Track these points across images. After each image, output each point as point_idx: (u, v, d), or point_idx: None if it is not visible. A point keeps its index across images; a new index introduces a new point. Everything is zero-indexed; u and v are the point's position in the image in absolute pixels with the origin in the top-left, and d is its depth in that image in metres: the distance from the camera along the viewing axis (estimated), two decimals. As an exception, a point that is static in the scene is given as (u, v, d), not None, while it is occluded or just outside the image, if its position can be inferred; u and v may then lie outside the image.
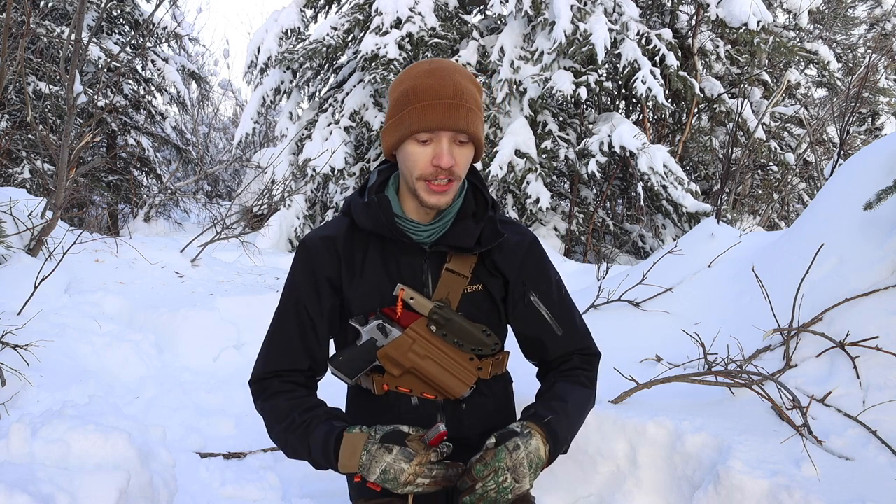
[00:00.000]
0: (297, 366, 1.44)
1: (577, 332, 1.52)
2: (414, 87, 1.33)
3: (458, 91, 1.32)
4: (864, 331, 2.34)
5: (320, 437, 1.31)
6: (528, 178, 8.14)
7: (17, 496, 1.60)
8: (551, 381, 1.48)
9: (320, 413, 1.36)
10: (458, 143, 1.34)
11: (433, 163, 1.32)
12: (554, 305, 1.50)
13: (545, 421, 1.33)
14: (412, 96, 1.33)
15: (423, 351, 1.40)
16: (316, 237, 1.47)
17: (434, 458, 1.26)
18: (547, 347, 1.50)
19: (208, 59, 21.82)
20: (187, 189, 13.24)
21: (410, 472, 1.23)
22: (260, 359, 1.47)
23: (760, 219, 10.23)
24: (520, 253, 1.48)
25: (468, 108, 1.33)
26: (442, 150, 1.31)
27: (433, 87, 1.32)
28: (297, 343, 1.44)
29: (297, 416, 1.36)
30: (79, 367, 3.53)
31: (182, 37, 13.31)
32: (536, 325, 1.49)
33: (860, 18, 12.58)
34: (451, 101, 1.31)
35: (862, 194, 2.62)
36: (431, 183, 1.34)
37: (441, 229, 1.42)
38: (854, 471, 1.92)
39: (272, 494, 2.64)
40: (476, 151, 1.39)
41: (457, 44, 9.67)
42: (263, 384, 1.44)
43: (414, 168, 1.34)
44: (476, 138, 1.35)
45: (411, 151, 1.34)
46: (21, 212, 4.97)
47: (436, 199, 1.35)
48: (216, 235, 6.96)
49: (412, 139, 1.33)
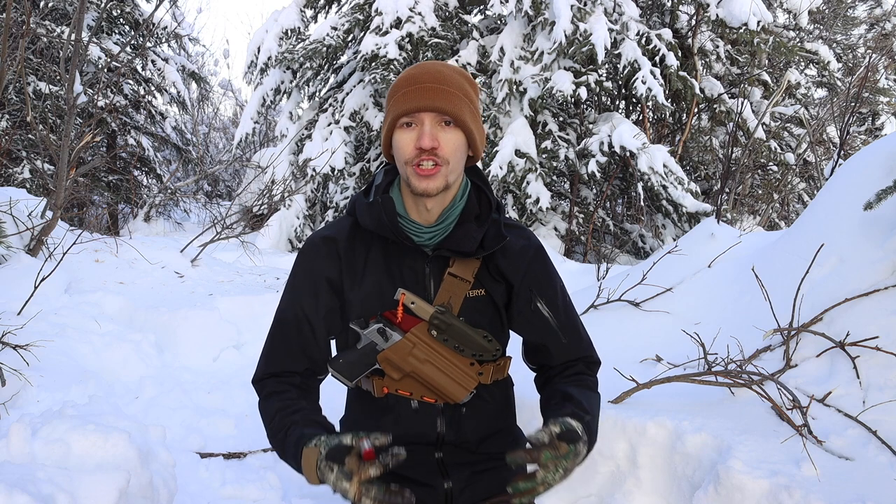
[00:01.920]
0: (295, 367, 1.44)
1: (581, 341, 1.52)
2: (398, 81, 1.38)
3: (439, 76, 1.34)
4: (864, 331, 2.34)
5: (291, 447, 1.29)
6: (528, 178, 8.14)
7: (17, 496, 1.60)
8: (566, 387, 1.44)
9: (298, 419, 1.33)
10: (442, 126, 1.34)
11: (416, 145, 1.33)
12: (559, 313, 1.49)
13: (585, 421, 1.31)
14: (396, 87, 1.36)
15: (424, 355, 1.40)
16: (317, 238, 1.47)
17: (374, 472, 1.15)
18: (551, 354, 1.50)
19: (208, 59, 21.86)
20: (187, 189, 13.24)
21: (354, 491, 1.16)
22: (261, 360, 1.48)
23: (760, 219, 10.23)
24: (525, 258, 1.47)
25: (450, 91, 1.34)
26: (423, 131, 1.32)
27: (414, 76, 1.35)
28: (295, 345, 1.44)
29: (278, 420, 1.35)
30: (79, 367, 3.53)
31: (182, 37, 13.30)
32: (541, 332, 1.48)
33: (860, 18, 12.58)
34: (430, 84, 1.33)
35: (862, 194, 2.61)
36: (418, 167, 1.33)
37: (443, 232, 1.41)
38: (854, 471, 1.92)
39: (272, 494, 2.63)
40: (469, 140, 1.38)
41: (457, 44, 9.67)
42: (262, 384, 1.45)
43: (401, 154, 1.35)
44: (461, 121, 1.35)
45: (397, 139, 1.35)
46: (21, 212, 4.97)
47: (424, 184, 1.34)
48: (216, 235, 6.96)
49: (398, 128, 1.35)
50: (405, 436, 1.45)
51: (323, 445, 1.21)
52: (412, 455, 1.45)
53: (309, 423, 1.32)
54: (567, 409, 1.35)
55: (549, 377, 1.53)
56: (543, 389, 1.54)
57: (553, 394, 1.45)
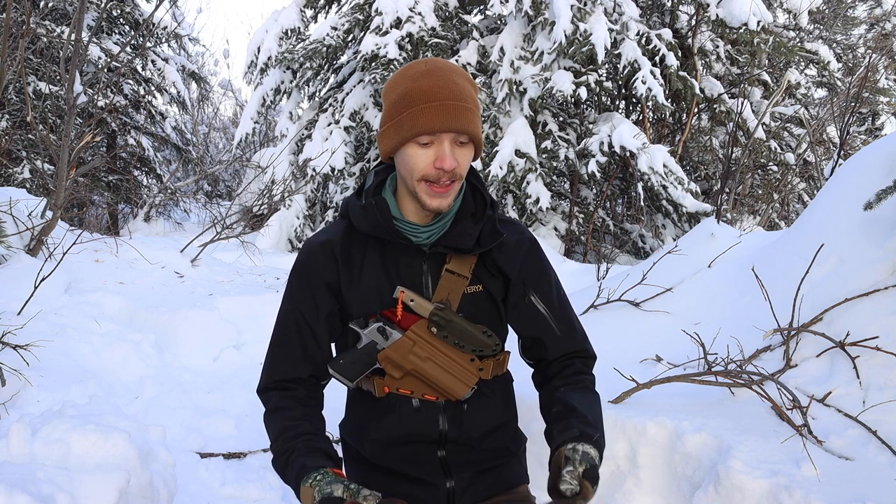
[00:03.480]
0: (298, 374, 1.44)
1: (576, 334, 1.53)
2: (412, 88, 1.32)
3: (458, 92, 1.32)
4: (864, 331, 2.34)
5: (292, 478, 1.32)
6: (528, 178, 8.14)
7: (17, 496, 1.60)
8: (567, 395, 1.44)
9: (299, 446, 1.35)
10: (459, 144, 1.34)
11: (436, 165, 1.31)
12: (553, 306, 1.50)
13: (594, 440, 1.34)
14: (411, 99, 1.32)
15: (424, 353, 1.40)
16: (313, 243, 1.48)
17: None
18: (547, 347, 1.50)
19: (208, 59, 21.83)
20: (187, 189, 13.24)
21: None
22: (264, 369, 1.49)
23: (760, 219, 10.23)
24: (520, 252, 1.48)
25: (468, 108, 1.32)
26: (444, 152, 1.31)
27: (432, 89, 1.31)
28: (298, 352, 1.44)
29: (281, 443, 1.37)
30: (79, 367, 3.53)
31: (182, 37, 13.30)
32: (536, 325, 1.49)
33: (860, 18, 12.58)
34: (451, 102, 1.30)
35: (862, 194, 2.61)
36: (433, 185, 1.33)
37: (440, 230, 1.42)
38: (854, 471, 1.92)
39: (272, 494, 2.64)
40: (476, 151, 1.39)
41: (457, 44, 9.67)
42: (266, 395, 1.46)
43: (415, 170, 1.33)
44: (476, 138, 1.35)
45: (412, 154, 1.33)
46: (21, 212, 4.97)
47: (437, 202, 1.35)
48: (216, 235, 6.96)
49: (413, 142, 1.32)
50: (407, 435, 1.45)
51: (318, 490, 1.24)
52: (415, 454, 1.46)
53: (310, 452, 1.33)
54: (574, 428, 1.34)
55: (547, 376, 1.54)
56: (542, 388, 1.54)
57: (555, 401, 1.45)
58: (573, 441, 1.30)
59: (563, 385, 1.48)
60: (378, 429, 1.46)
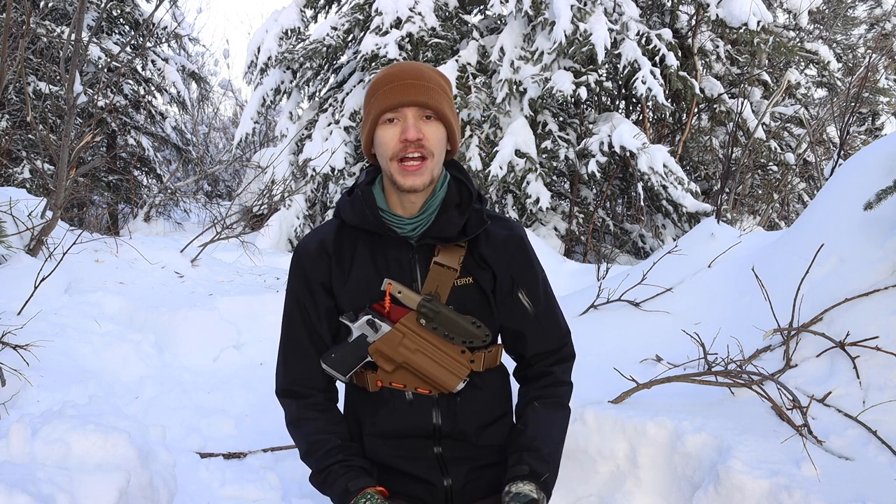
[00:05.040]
0: (312, 372, 1.48)
1: (558, 330, 1.55)
2: (377, 78, 1.40)
3: (418, 73, 1.38)
4: (864, 331, 2.34)
5: (336, 499, 1.40)
6: (528, 178, 8.14)
7: (17, 496, 1.60)
8: (530, 420, 1.48)
9: (336, 467, 1.41)
10: (425, 119, 1.37)
11: (400, 138, 1.35)
12: (539, 302, 1.52)
13: (542, 480, 1.39)
14: (376, 86, 1.40)
15: (414, 345, 1.41)
16: (306, 243, 1.51)
17: None
18: (527, 342, 1.52)
19: (208, 59, 21.80)
20: (187, 189, 13.23)
21: None
22: (279, 371, 1.52)
23: (760, 219, 10.23)
24: (509, 248, 1.49)
25: (429, 87, 1.37)
26: (408, 124, 1.35)
27: (392, 73, 1.38)
28: (310, 349, 1.48)
29: (315, 462, 1.44)
30: (79, 367, 3.53)
31: (182, 37, 13.29)
32: (520, 320, 1.51)
33: (860, 18, 12.58)
34: (411, 80, 1.36)
35: (862, 194, 2.61)
36: (403, 163, 1.36)
37: (426, 222, 1.43)
38: (854, 471, 1.92)
39: (272, 494, 2.64)
40: (449, 133, 1.41)
41: (457, 44, 9.67)
42: (286, 402, 1.51)
43: (386, 151, 1.37)
44: (442, 114, 1.38)
45: (381, 135, 1.38)
46: (21, 212, 4.97)
47: (410, 180, 1.36)
48: (216, 235, 6.96)
49: (381, 124, 1.38)
50: (402, 429, 1.46)
51: None
52: (410, 449, 1.46)
53: (348, 471, 1.40)
54: (524, 464, 1.40)
55: (527, 377, 1.57)
56: (520, 391, 1.58)
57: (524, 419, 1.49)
58: (519, 480, 1.38)
59: (538, 398, 1.50)
60: (373, 423, 1.47)
